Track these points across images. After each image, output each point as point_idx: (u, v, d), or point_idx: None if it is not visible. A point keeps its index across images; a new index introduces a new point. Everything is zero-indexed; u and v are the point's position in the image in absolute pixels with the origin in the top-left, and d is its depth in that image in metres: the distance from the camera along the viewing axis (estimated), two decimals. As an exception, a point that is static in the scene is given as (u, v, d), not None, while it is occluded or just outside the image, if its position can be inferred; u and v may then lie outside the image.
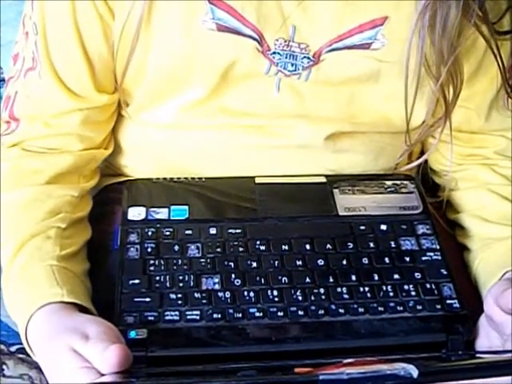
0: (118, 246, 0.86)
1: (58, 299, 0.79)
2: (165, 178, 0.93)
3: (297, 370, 0.65)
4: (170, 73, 0.89)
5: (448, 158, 0.99)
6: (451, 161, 0.97)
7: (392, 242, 0.88)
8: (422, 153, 1.01)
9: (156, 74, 0.89)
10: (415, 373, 0.64)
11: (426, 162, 1.00)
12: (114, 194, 0.97)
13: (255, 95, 0.90)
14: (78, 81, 0.89)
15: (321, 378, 0.63)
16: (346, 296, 0.82)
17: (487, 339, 0.80)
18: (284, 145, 0.93)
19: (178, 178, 0.93)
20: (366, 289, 0.83)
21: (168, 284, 0.81)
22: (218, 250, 0.85)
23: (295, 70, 0.89)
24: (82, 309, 0.80)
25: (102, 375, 0.70)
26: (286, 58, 0.88)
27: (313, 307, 0.81)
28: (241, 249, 0.85)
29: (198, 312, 0.79)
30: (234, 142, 0.92)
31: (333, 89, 0.90)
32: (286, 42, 0.87)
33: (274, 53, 0.88)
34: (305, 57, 0.88)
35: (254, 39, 0.87)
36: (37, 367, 0.93)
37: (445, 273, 0.85)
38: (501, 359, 0.70)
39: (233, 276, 0.83)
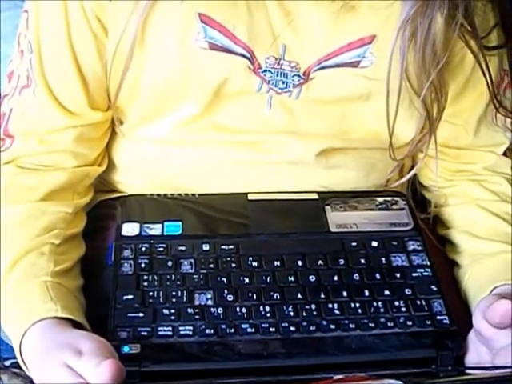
0: (112, 262, 0.86)
1: (52, 315, 0.80)
2: (158, 194, 0.94)
3: (287, 386, 0.66)
4: (163, 90, 0.90)
5: (438, 174, 1.01)
6: (437, 175, 0.98)
7: (383, 259, 0.89)
8: (412, 168, 1.02)
9: (149, 91, 0.90)
10: None
11: (416, 177, 1.01)
12: (108, 209, 0.98)
13: (247, 112, 0.91)
14: (72, 98, 0.90)
15: None
16: (337, 312, 0.83)
17: (476, 354, 0.81)
18: (276, 161, 0.94)
19: (172, 194, 0.94)
20: (357, 305, 0.84)
21: (161, 299, 0.82)
22: (211, 265, 0.86)
23: (286, 88, 0.90)
24: (76, 324, 0.81)
25: None
26: (277, 75, 0.89)
27: (304, 323, 0.82)
28: (233, 265, 0.86)
29: (191, 327, 0.80)
30: (227, 157, 0.93)
31: (323, 107, 0.92)
32: (276, 60, 0.89)
33: (265, 71, 0.89)
34: (295, 75, 0.89)
35: (246, 57, 0.88)
36: (31, 382, 0.93)
37: (435, 289, 0.86)
38: (490, 375, 0.70)
39: (225, 292, 0.83)
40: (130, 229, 0.89)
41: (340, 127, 0.93)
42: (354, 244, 0.90)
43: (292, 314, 0.82)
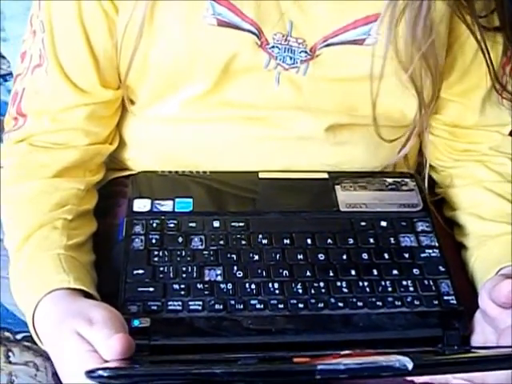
0: (122, 237, 0.87)
1: (65, 285, 0.81)
2: (170, 171, 0.95)
3: (295, 359, 0.67)
4: (172, 68, 0.90)
5: (445, 154, 1.01)
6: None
7: (391, 239, 0.89)
8: (421, 149, 1.02)
9: (159, 69, 0.91)
10: (410, 365, 0.65)
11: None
12: (119, 187, 0.99)
13: (256, 88, 0.92)
14: (83, 76, 0.91)
15: (319, 367, 0.64)
16: (345, 290, 0.84)
17: (482, 335, 0.82)
18: (284, 136, 0.94)
19: (183, 172, 0.95)
20: (365, 283, 0.84)
21: (171, 275, 0.83)
22: (221, 242, 0.87)
23: (293, 64, 0.91)
24: (88, 296, 0.82)
25: (106, 361, 0.72)
26: (285, 51, 0.90)
27: (312, 300, 0.82)
28: (243, 242, 0.87)
29: (200, 302, 0.81)
30: (236, 134, 0.94)
31: (331, 84, 0.92)
32: (283, 36, 0.90)
33: (273, 47, 0.90)
34: (302, 51, 0.90)
35: (253, 33, 0.89)
36: (42, 355, 0.95)
37: (443, 269, 0.87)
38: (494, 354, 0.71)
39: (235, 268, 0.84)
40: (141, 205, 0.90)
41: (347, 104, 0.94)
42: (363, 224, 0.90)
43: (300, 291, 0.83)
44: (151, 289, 0.82)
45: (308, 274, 0.84)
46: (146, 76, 0.91)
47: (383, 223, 0.91)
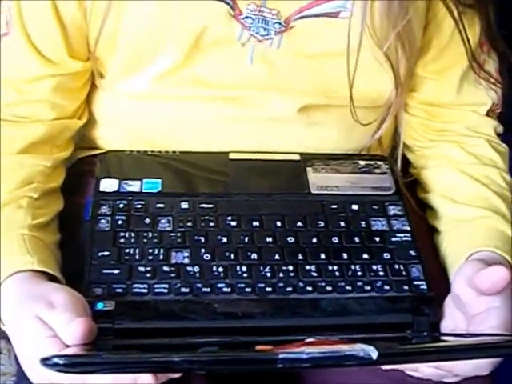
0: (89, 218, 0.86)
1: (29, 267, 0.79)
2: (138, 151, 0.94)
3: (258, 347, 0.66)
4: (142, 40, 0.89)
5: (421, 134, 1.01)
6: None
7: (363, 222, 0.88)
8: (395, 133, 1.01)
9: (129, 40, 0.89)
10: (375, 354, 0.64)
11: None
12: (88, 166, 0.97)
13: (228, 65, 0.91)
14: (51, 46, 0.89)
15: (280, 356, 0.63)
16: (314, 274, 0.82)
17: (452, 320, 0.81)
18: (257, 117, 0.93)
19: (152, 151, 0.93)
20: (335, 267, 0.83)
21: (137, 257, 0.82)
22: (189, 224, 0.85)
23: (267, 35, 0.89)
24: (52, 279, 0.80)
25: (67, 346, 0.70)
26: (258, 22, 0.89)
27: (281, 284, 0.81)
28: (211, 224, 0.86)
29: (167, 286, 0.80)
30: (207, 113, 0.93)
31: (305, 60, 0.91)
32: (257, 6, 0.88)
33: (246, 17, 0.89)
34: (276, 22, 0.89)
35: (227, 3, 0.88)
36: (5, 337, 0.93)
37: (414, 254, 0.86)
38: (460, 343, 0.70)
39: (202, 251, 0.83)
40: (108, 184, 0.88)
41: (322, 83, 0.92)
42: (334, 206, 0.89)
43: (269, 274, 0.82)
44: (116, 271, 0.80)
45: (277, 257, 0.83)
46: (115, 47, 0.89)
47: (354, 206, 0.90)
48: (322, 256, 0.84)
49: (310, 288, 0.81)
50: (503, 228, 0.89)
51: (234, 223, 0.86)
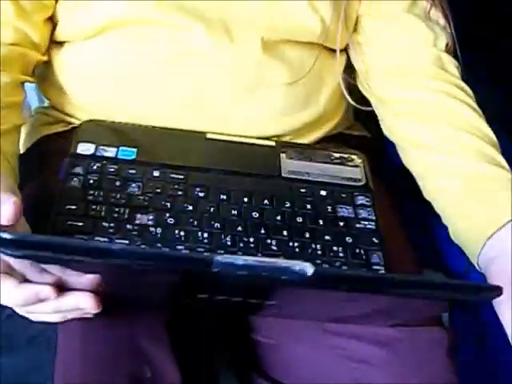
0: (62, 176, 0.87)
1: None
2: (119, 122, 0.95)
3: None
4: None
5: (380, 77, 1.01)
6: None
7: (329, 207, 0.90)
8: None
9: None
10: (311, 270, 0.64)
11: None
12: (54, 144, 0.98)
13: None
14: None
15: (215, 258, 0.64)
16: (274, 248, 0.84)
17: None
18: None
19: (133, 124, 0.95)
20: (296, 244, 0.85)
21: (103, 214, 0.83)
22: (158, 190, 0.87)
23: None
24: None
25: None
26: None
27: (240, 253, 0.82)
28: (180, 192, 0.87)
29: (127, 242, 0.81)
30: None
31: None
32: None
33: None
34: None
35: None
36: None
37: (376, 241, 0.87)
38: (399, 276, 0.69)
39: (167, 215, 0.84)
40: (85, 148, 0.90)
41: (269, 15, 0.95)
42: (302, 190, 0.91)
43: (229, 243, 0.83)
44: (80, 223, 0.82)
45: (239, 228, 0.85)
46: None
47: (323, 192, 0.91)
48: (285, 233, 0.85)
49: (268, 260, 0.82)
50: None
51: (201, 194, 0.87)
